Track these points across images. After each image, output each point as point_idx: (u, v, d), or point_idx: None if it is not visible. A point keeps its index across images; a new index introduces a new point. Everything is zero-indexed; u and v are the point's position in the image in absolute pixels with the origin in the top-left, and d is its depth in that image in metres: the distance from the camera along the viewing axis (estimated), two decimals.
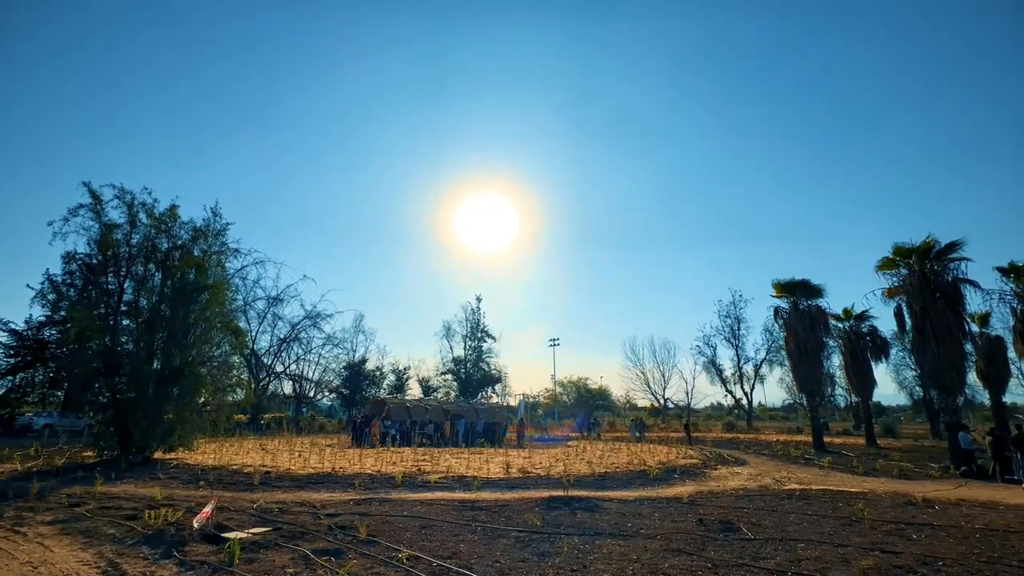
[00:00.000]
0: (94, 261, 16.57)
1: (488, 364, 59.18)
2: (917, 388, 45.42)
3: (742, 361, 54.15)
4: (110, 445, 15.79)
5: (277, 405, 51.22)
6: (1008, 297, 23.19)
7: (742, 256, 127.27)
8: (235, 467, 14.70)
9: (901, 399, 58.91)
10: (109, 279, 16.41)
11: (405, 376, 56.52)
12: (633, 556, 6.34)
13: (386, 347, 55.69)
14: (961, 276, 19.86)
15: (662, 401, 61.66)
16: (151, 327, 16.02)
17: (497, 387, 60.56)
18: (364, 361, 51.91)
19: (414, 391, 56.89)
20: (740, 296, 54.87)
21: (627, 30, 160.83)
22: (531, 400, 61.27)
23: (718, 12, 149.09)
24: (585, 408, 48.03)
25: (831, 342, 31.35)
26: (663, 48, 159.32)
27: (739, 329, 53.99)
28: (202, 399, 17.61)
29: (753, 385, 54.41)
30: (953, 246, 19.73)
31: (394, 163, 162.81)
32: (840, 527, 8.17)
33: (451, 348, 59.38)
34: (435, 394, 55.96)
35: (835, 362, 38.78)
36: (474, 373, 58.41)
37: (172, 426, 15.96)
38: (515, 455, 20.31)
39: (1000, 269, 23.38)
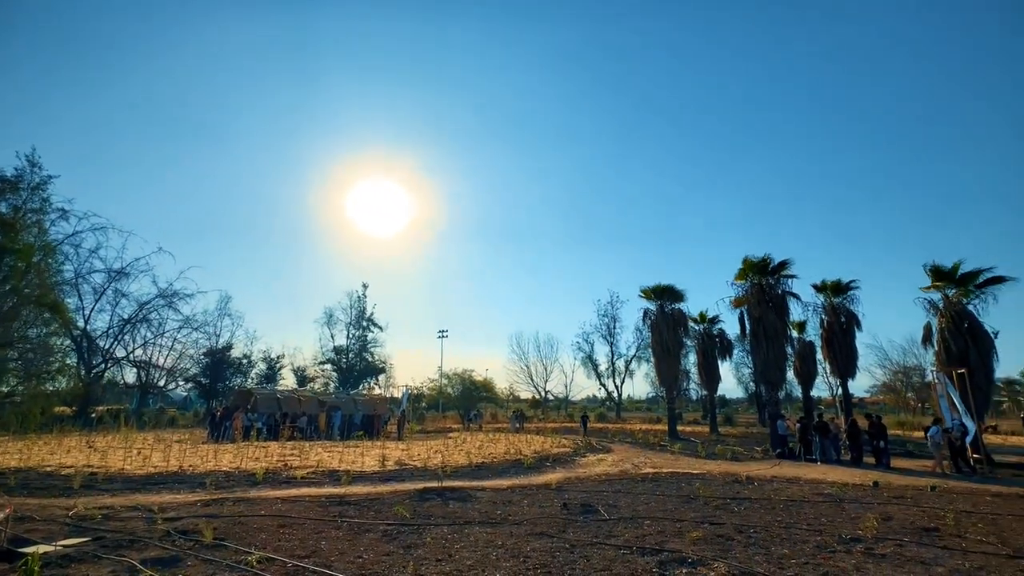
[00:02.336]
0: None
1: (372, 354, 57.10)
2: (751, 383, 53.21)
3: (615, 357, 58.94)
4: None
5: (116, 396, 44.20)
6: (819, 309, 28.15)
7: (623, 258, 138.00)
8: (49, 468, 12.41)
9: (740, 393, 68.70)
10: None
11: (278, 365, 52.24)
12: (499, 542, 6.56)
13: (256, 333, 50.82)
14: (788, 290, 23.65)
15: (543, 393, 64.69)
16: None
17: (381, 378, 58.65)
18: (229, 348, 46.94)
19: (287, 381, 52.84)
20: (617, 297, 59.61)
21: (533, 30, 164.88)
22: (415, 391, 60.38)
23: (632, 16, 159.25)
24: (469, 400, 48.54)
25: (689, 342, 35.47)
26: (566, 52, 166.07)
27: (615, 328, 58.64)
28: (7, 388, 14.52)
29: (623, 379, 59.53)
30: (783, 264, 23.41)
31: (272, 142, 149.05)
32: (680, 504, 9.27)
33: (332, 336, 56.22)
34: (311, 385, 52.54)
35: (691, 360, 43.84)
36: (356, 363, 55.94)
37: None
38: (393, 448, 19.88)
39: (815, 286, 28.29)
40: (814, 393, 34.30)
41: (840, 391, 29.02)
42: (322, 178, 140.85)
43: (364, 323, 56.89)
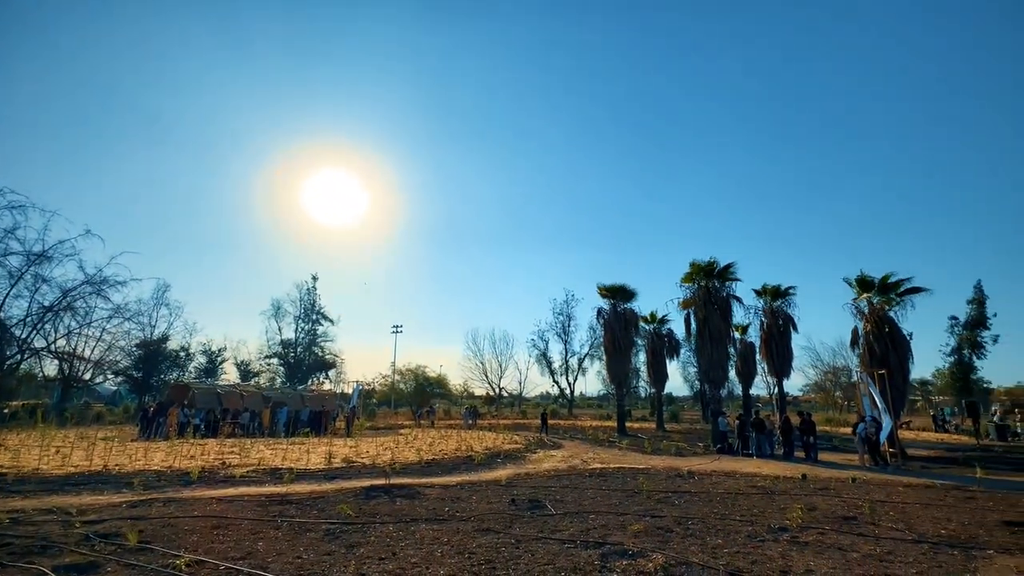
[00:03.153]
0: None
1: (322, 348, 55.40)
2: (696, 381, 55.57)
3: (569, 355, 59.96)
4: None
5: (34, 391, 40.70)
6: (760, 312, 29.70)
7: (580, 258, 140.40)
8: None
9: (686, 391, 71.61)
10: None
11: (219, 358, 49.77)
12: (445, 539, 6.52)
13: (196, 325, 47.95)
14: (732, 293, 24.80)
15: (497, 390, 64.91)
16: None
17: (331, 373, 57.04)
18: (165, 339, 44.27)
19: (230, 376, 50.44)
20: (573, 296, 60.70)
21: (491, 30, 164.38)
22: (367, 387, 59.09)
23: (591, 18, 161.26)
24: (422, 396, 48.01)
25: (639, 341, 36.55)
26: (526, 52, 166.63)
27: (569, 326, 59.64)
28: None
29: (576, 377, 60.68)
30: (728, 268, 24.50)
31: (216, 124, 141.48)
32: (625, 498, 9.55)
33: (280, 330, 54.16)
34: (256, 379, 50.37)
35: (641, 358, 45.24)
36: (305, 357, 54.12)
37: None
38: (341, 445, 19.38)
39: (756, 290, 29.83)
40: (753, 391, 36.32)
41: (776, 390, 30.77)
42: (273, 166, 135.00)
43: (314, 316, 55.15)
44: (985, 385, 39.70)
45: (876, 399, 17.12)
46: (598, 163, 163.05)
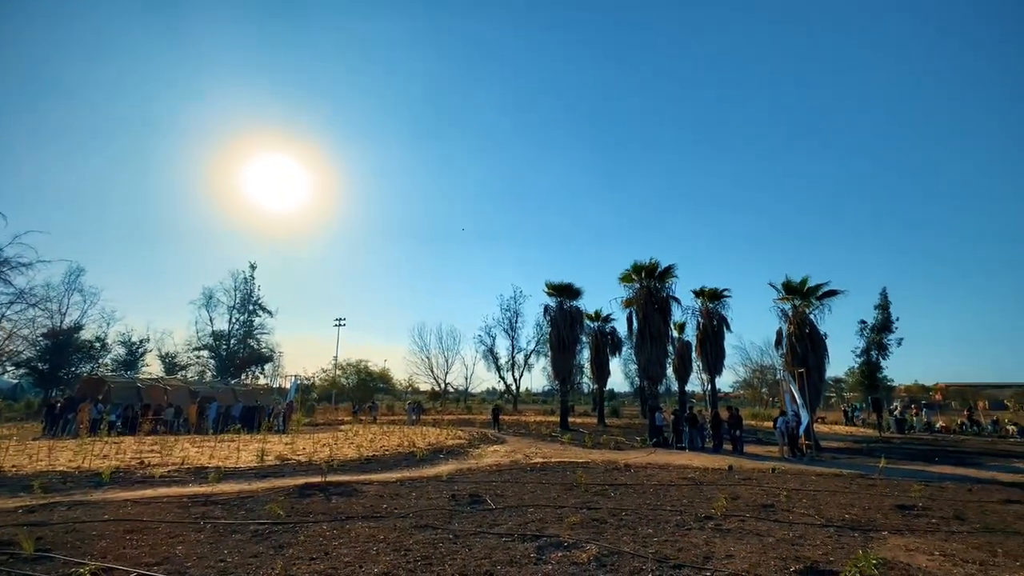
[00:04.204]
0: None
1: (258, 341, 52.68)
2: (636, 378, 57.64)
3: (516, 351, 60.43)
4: None
5: None
6: (696, 312, 31.24)
7: (528, 256, 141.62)
8: None
9: (627, 387, 74.06)
10: None
11: (140, 350, 46.17)
12: (381, 536, 6.40)
13: (115, 313, 43.98)
14: (671, 294, 25.91)
15: (443, 386, 64.40)
16: None
17: (267, 367, 54.37)
18: (77, 329, 40.56)
19: (153, 369, 46.94)
20: (521, 292, 61.17)
21: (443, 24, 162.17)
22: (307, 382, 56.85)
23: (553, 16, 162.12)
24: (364, 391, 46.82)
25: (584, 338, 37.42)
26: (480, 50, 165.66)
27: (516, 322, 60.08)
28: None
29: (522, 372, 61.28)
30: (669, 269, 25.60)
31: (142, 96, 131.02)
32: (563, 492, 9.77)
33: (211, 320, 50.99)
34: (183, 373, 47.18)
35: (585, 355, 46.33)
36: (240, 350, 51.29)
37: None
38: (276, 442, 18.55)
39: (694, 291, 31.33)
40: (688, 388, 38.17)
41: (709, 386, 32.52)
42: (209, 149, 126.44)
43: (251, 307, 52.32)
44: (889, 383, 43.75)
45: (796, 395, 18.49)
46: (549, 161, 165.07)
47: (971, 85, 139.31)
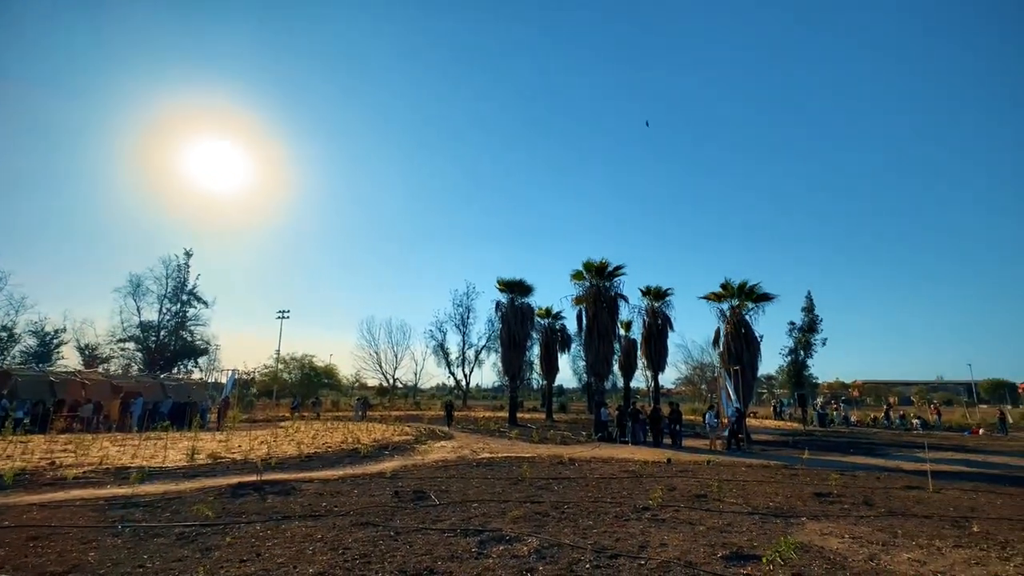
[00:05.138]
0: None
1: (192, 333, 49.58)
2: (584, 374, 58.98)
3: (467, 347, 60.27)
4: None
5: None
6: (642, 311, 32.33)
7: (482, 251, 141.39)
8: None
9: (575, 383, 75.64)
10: None
11: (55, 341, 42.32)
12: (318, 535, 6.21)
13: (25, 300, 39.87)
14: (619, 293, 26.66)
15: (392, 381, 63.24)
16: None
17: (202, 361, 51.31)
18: None
19: (70, 361, 43.18)
20: (474, 288, 61.02)
21: (398, 17, 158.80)
22: (246, 376, 54.16)
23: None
24: (308, 386, 45.19)
25: (534, 334, 37.85)
26: (438, 46, 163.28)
27: (468, 318, 59.92)
28: None
29: (472, 368, 61.22)
30: (618, 269, 26.32)
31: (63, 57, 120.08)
32: (508, 486, 9.85)
33: (139, 310, 47.45)
34: (105, 366, 43.70)
35: (535, 351, 46.88)
36: (171, 342, 48.07)
37: None
38: (209, 439, 17.57)
39: (642, 290, 32.41)
40: (633, 384, 39.43)
41: (653, 383, 33.76)
42: (141, 125, 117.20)
43: (184, 296, 49.07)
44: (814, 380, 47.16)
45: (731, 392, 19.56)
46: (505, 157, 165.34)
47: (881, 89, 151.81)
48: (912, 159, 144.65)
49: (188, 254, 49.67)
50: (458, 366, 60.77)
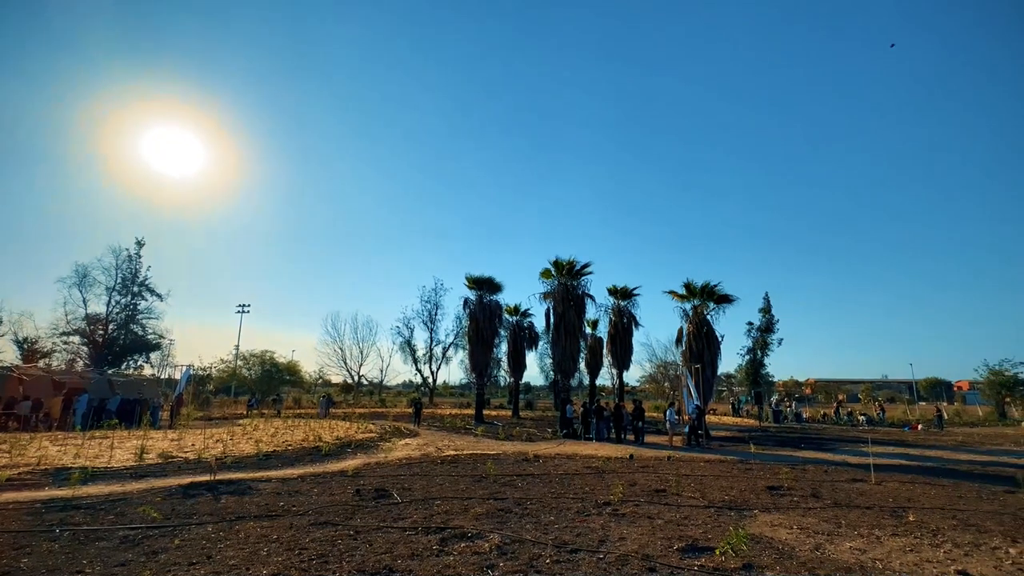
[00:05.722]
0: None
1: (144, 327, 47.22)
2: (551, 372, 59.44)
3: (434, 343, 59.75)
4: None
5: None
6: (609, 310, 32.84)
7: (452, 247, 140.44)
8: None
9: (542, 380, 76.11)
10: None
11: None
12: (274, 536, 6.03)
13: None
14: (586, 291, 26.98)
15: (356, 378, 62.07)
16: None
17: (154, 356, 48.95)
18: None
19: (7, 356, 40.46)
20: (442, 284, 60.51)
21: (364, 8, 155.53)
22: (202, 373, 52.05)
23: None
24: (269, 383, 43.80)
25: (503, 332, 37.87)
26: (400, 43, 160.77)
27: (436, 314, 59.38)
28: None
29: (440, 365, 60.75)
30: (585, 267, 26.63)
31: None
32: (472, 483, 9.83)
33: (85, 301, 44.81)
34: (46, 361, 41.16)
35: (503, 349, 46.93)
36: (120, 337, 45.62)
37: None
38: (160, 438, 16.83)
39: (609, 289, 32.90)
40: (599, 382, 40.02)
41: (617, 380, 34.34)
42: (90, 105, 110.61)
43: (136, 288, 46.62)
44: (770, 378, 49.01)
45: (691, 389, 20.12)
46: (479, 155, 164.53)
47: (831, 98, 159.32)
48: (864, 170, 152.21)
49: (140, 244, 47.24)
50: (425, 363, 60.24)
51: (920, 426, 30.28)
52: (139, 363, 47.98)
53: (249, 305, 57.38)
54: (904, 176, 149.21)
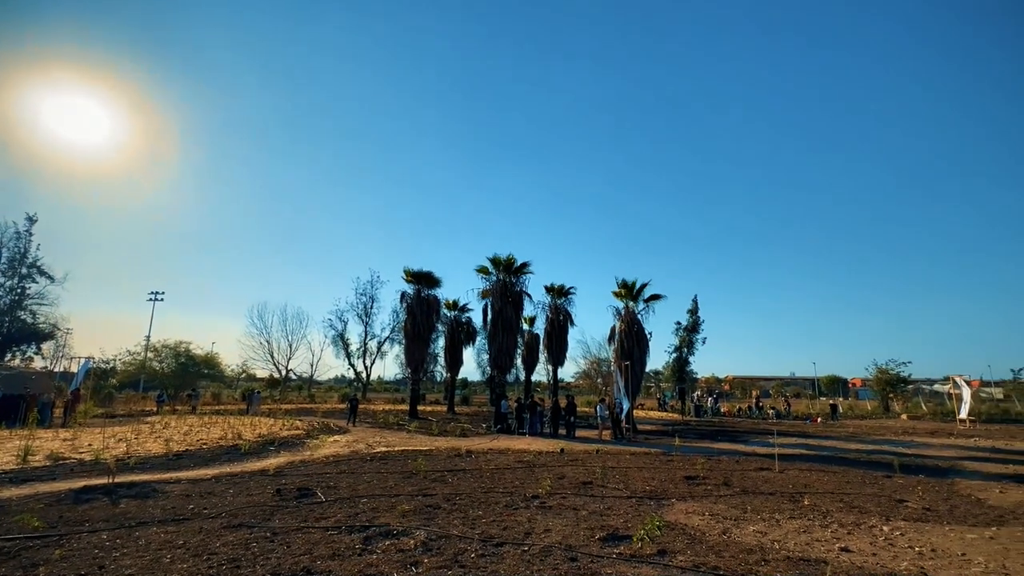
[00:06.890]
0: None
1: (34, 313, 42.20)
2: (488, 367, 59.67)
3: (369, 338, 57.97)
4: None
5: None
6: (546, 307, 33.43)
7: (390, 240, 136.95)
8: None
9: (478, 376, 76.21)
10: None
11: None
12: (180, 541, 5.61)
13: None
14: (524, 289, 27.30)
15: (284, 372, 58.96)
16: None
17: (46, 346, 43.88)
18: None
19: None
20: (378, 277, 58.77)
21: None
22: (104, 365, 47.32)
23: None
24: (185, 377, 40.54)
25: (440, 327, 37.49)
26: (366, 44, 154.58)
27: (372, 307, 57.60)
28: None
29: (374, 360, 59.06)
30: (525, 265, 26.92)
31: None
32: (401, 480, 9.67)
33: None
34: None
35: (440, 344, 46.47)
36: (5, 324, 40.44)
37: None
38: (50, 437, 15.15)
39: (546, 287, 33.49)
40: (535, 377, 40.68)
41: (552, 376, 35.08)
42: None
43: (25, 270, 41.51)
44: (694, 375, 52.09)
45: (620, 385, 20.96)
46: (416, 145, 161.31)
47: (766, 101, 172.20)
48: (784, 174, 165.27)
49: (31, 219, 42.04)
50: (359, 358, 58.24)
51: (820, 419, 33.42)
52: (27, 354, 42.89)
53: (163, 293, 53.01)
54: (802, 184, 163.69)
